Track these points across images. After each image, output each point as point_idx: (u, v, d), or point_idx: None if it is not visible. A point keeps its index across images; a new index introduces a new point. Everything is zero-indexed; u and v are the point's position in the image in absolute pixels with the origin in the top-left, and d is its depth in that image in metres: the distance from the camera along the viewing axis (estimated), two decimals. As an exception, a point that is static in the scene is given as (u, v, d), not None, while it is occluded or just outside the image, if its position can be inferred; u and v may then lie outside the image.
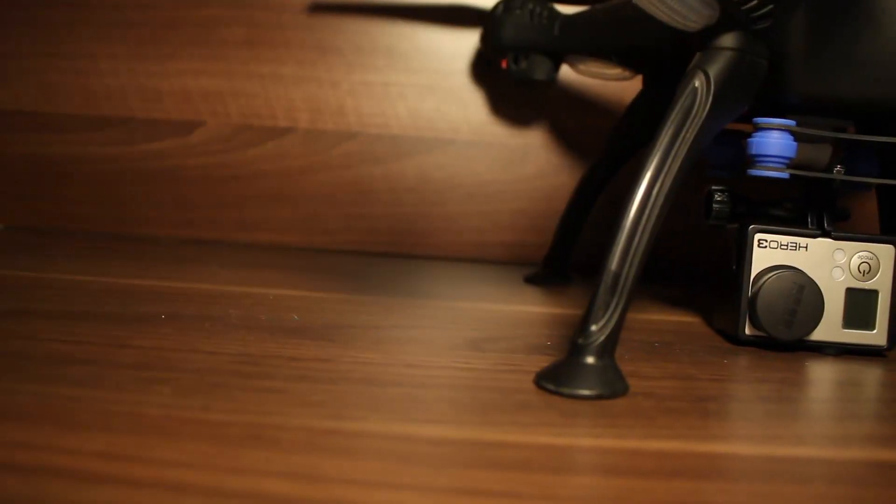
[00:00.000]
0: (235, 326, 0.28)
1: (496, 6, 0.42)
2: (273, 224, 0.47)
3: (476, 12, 0.44)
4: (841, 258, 0.30)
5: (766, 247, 0.30)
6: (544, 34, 0.40)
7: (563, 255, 0.42)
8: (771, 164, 0.28)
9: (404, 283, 0.39)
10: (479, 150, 0.48)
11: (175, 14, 0.46)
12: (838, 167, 0.30)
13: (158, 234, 0.47)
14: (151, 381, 0.21)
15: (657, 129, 0.25)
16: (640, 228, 0.24)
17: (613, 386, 0.23)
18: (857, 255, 0.30)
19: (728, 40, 0.26)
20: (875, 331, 0.30)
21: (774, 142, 0.28)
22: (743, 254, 0.30)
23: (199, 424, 0.18)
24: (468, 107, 0.47)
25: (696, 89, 0.25)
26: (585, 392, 0.23)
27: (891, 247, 0.30)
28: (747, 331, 0.30)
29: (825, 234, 0.30)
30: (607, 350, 0.23)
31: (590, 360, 0.23)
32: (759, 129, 0.28)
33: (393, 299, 0.35)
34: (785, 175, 0.29)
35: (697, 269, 0.41)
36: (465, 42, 0.46)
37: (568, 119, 0.47)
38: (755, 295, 0.29)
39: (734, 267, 0.31)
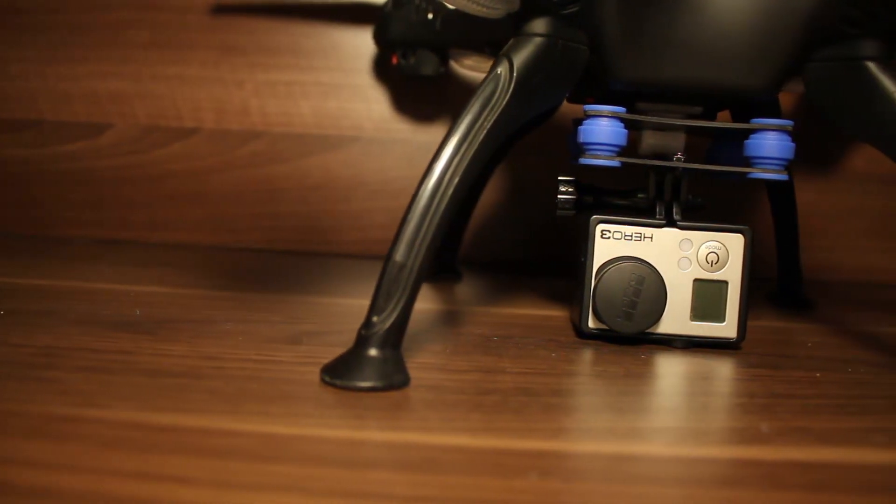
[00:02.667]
0: (70, 321, 0.28)
1: (386, 3, 0.42)
2: (182, 223, 0.47)
3: (375, 10, 0.44)
4: (688, 248, 0.29)
5: (609, 238, 0.29)
6: (428, 30, 0.40)
7: (451, 250, 0.41)
8: (600, 153, 0.28)
9: (287, 279, 0.39)
10: (383, 147, 0.47)
11: (83, 18, 0.46)
12: (678, 155, 0.29)
13: (72, 235, 0.48)
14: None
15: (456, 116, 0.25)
16: (428, 219, 0.24)
17: (391, 378, 0.22)
18: (705, 245, 0.29)
19: (535, 26, 0.26)
20: (725, 323, 0.29)
21: (603, 129, 0.27)
22: (586, 245, 0.29)
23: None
24: (371, 104, 0.47)
25: (497, 76, 0.25)
26: (359, 384, 0.22)
27: (740, 236, 0.29)
28: (591, 324, 0.29)
29: (671, 224, 0.29)
30: (389, 341, 0.23)
31: (372, 351, 0.23)
32: (588, 116, 0.28)
33: (257, 295, 0.34)
34: (616, 163, 0.28)
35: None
36: (367, 40, 0.46)
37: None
38: (595, 287, 0.29)
39: (582, 259, 0.30)
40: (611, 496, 0.16)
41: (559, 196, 0.30)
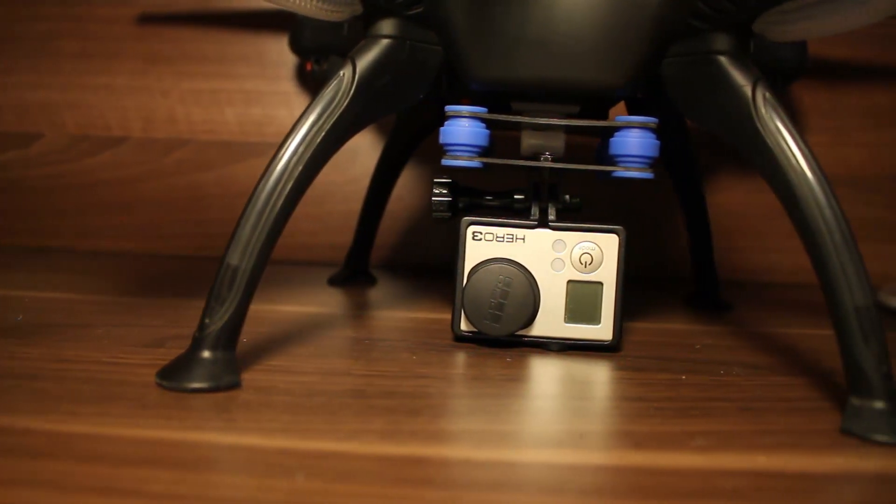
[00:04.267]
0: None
1: (300, 9, 0.42)
2: (112, 231, 0.48)
3: (295, 17, 0.44)
4: (561, 249, 0.29)
5: (480, 239, 0.29)
6: (338, 35, 0.40)
7: (363, 254, 0.41)
8: (461, 153, 0.27)
9: (194, 284, 0.39)
10: (308, 152, 0.47)
11: (12, 28, 0.47)
12: (545, 155, 0.29)
13: (4, 244, 0.48)
14: None
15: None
16: (263, 221, 0.24)
17: (219, 379, 0.22)
18: (579, 245, 0.29)
19: (380, 28, 0.25)
20: (600, 325, 0.29)
21: (463, 130, 0.27)
22: (457, 247, 0.29)
23: None
24: (295, 110, 0.48)
25: (340, 78, 0.25)
26: (186, 385, 0.22)
27: (614, 236, 0.29)
28: (463, 326, 0.29)
29: (543, 225, 0.29)
30: (221, 343, 0.23)
31: (204, 353, 0.23)
32: (448, 117, 0.28)
33: (151, 300, 0.35)
34: (477, 164, 0.28)
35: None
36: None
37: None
38: (464, 289, 0.28)
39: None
40: (381, 497, 0.16)
41: (433, 198, 0.30)
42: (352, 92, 0.25)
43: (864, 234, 0.50)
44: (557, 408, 0.23)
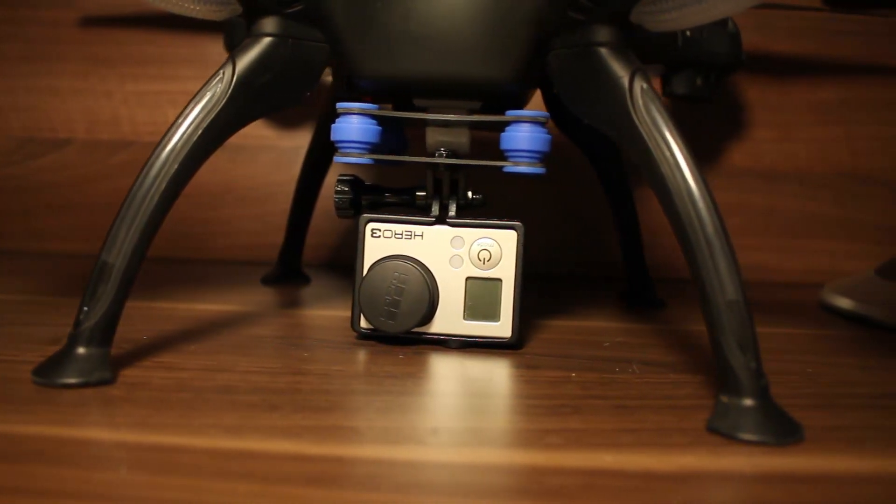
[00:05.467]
0: None
1: (232, 9, 0.42)
2: (59, 232, 0.48)
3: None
4: (460, 246, 0.29)
5: (379, 236, 0.29)
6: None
7: (294, 253, 0.41)
8: (352, 150, 0.27)
9: (138, 286, 0.39)
10: (250, 153, 0.48)
11: (-43, 34, 0.48)
12: (440, 150, 0.28)
13: (-46, 246, 0.49)
14: None
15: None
16: (138, 219, 0.24)
17: (90, 375, 0.23)
18: (477, 242, 0.29)
19: (262, 26, 0.26)
20: (499, 322, 0.29)
21: (353, 127, 0.27)
22: (357, 244, 0.29)
23: None
24: (236, 111, 0.48)
25: (220, 76, 0.25)
26: (58, 381, 0.22)
27: (512, 232, 0.28)
28: (362, 323, 0.29)
29: (441, 222, 0.29)
30: (95, 339, 0.23)
31: (78, 349, 0.23)
32: (339, 114, 0.28)
33: (72, 300, 0.34)
34: (368, 161, 0.28)
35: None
36: (230, 47, 0.46)
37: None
38: (360, 286, 0.28)
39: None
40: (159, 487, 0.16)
41: (335, 196, 0.30)
42: (230, 91, 0.25)
43: (811, 230, 0.50)
44: (425, 404, 0.23)
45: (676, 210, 0.22)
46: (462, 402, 0.23)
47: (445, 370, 0.26)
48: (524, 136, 0.27)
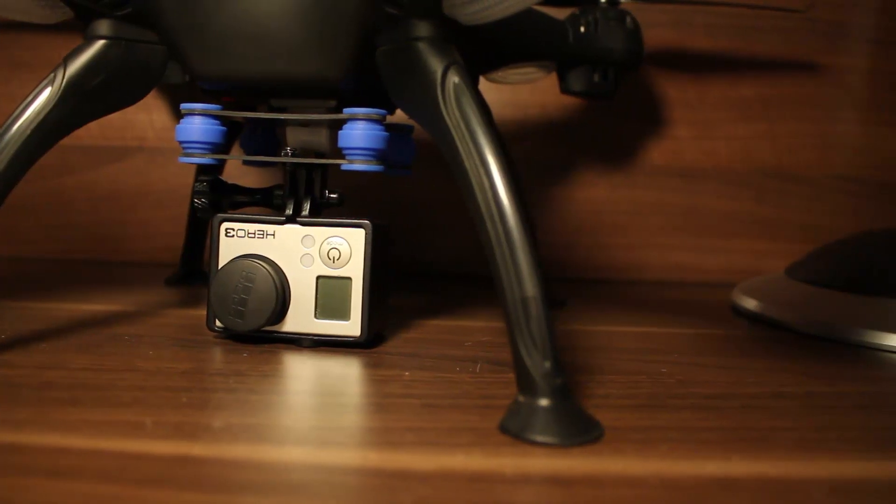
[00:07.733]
0: None
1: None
2: (-21, 236, 0.49)
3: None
4: (311, 245, 0.29)
5: (233, 236, 0.29)
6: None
7: (195, 254, 0.41)
8: (195, 151, 0.28)
9: (37, 287, 0.40)
10: (166, 156, 0.48)
11: None
12: (286, 150, 0.28)
13: None
14: None
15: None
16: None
17: None
18: (327, 241, 0.29)
19: (94, 29, 0.26)
20: (349, 321, 0.29)
21: (196, 128, 0.28)
22: (211, 244, 0.29)
23: None
24: (153, 114, 0.48)
25: (50, 79, 0.25)
26: None
27: (361, 231, 0.28)
28: (217, 323, 0.29)
29: (292, 221, 0.29)
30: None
31: None
32: (183, 115, 0.28)
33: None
34: (211, 161, 0.28)
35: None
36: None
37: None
38: (210, 285, 0.29)
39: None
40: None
41: (192, 197, 0.30)
42: (60, 94, 0.25)
43: (732, 229, 0.49)
44: (246, 401, 0.22)
45: (477, 204, 0.22)
46: (275, 400, 0.23)
47: (281, 369, 0.26)
48: (359, 133, 0.27)
